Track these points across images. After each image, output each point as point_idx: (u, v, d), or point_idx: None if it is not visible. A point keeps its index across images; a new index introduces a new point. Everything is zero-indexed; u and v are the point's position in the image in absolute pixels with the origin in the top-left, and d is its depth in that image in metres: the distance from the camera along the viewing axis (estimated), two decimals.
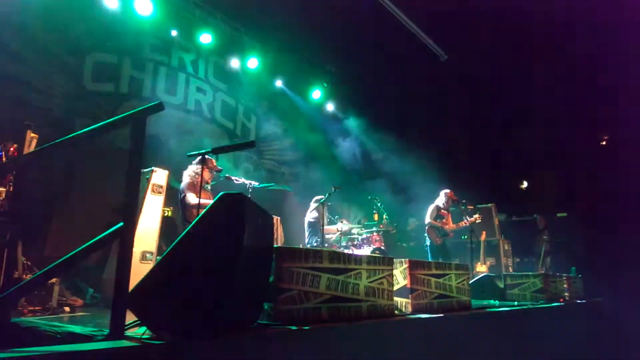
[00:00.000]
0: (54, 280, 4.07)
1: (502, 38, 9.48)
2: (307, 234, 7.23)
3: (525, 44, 9.79)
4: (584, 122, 10.57)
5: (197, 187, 5.01)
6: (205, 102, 8.65)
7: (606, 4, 8.18)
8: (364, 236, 7.29)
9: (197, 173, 4.99)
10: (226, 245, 2.10)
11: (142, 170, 3.33)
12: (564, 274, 6.69)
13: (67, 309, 4.21)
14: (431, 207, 7.49)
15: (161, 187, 5.15)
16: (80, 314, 4.11)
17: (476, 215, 7.34)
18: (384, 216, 7.87)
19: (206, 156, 5.00)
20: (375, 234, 7.27)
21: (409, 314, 3.56)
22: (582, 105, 10.21)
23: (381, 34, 9.28)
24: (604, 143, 11.17)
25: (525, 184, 12.52)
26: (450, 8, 8.53)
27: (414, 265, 3.77)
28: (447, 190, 7.60)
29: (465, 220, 7.31)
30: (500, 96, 10.91)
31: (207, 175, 5.22)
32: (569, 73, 10.00)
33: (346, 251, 6.67)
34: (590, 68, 9.61)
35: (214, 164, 5.32)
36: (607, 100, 9.84)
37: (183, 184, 5.18)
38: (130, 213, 2.15)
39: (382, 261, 3.36)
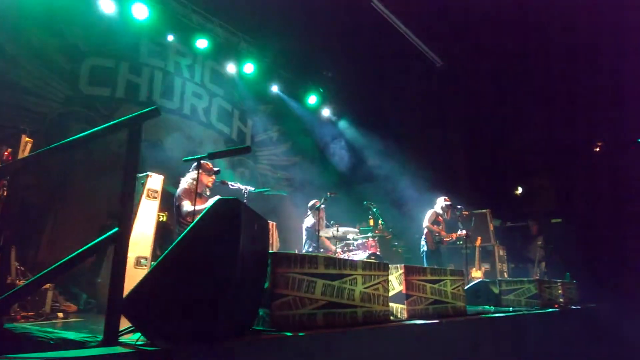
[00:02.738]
0: (47, 285, 4.04)
1: (498, 44, 9.54)
2: (304, 240, 7.23)
3: (521, 49, 9.86)
4: (579, 128, 10.65)
5: (193, 193, 5.00)
6: (202, 107, 8.65)
7: (605, 6, 8.26)
8: (360, 242, 7.28)
9: (194, 179, 4.97)
10: (221, 250, 2.10)
11: (137, 175, 3.33)
12: (559, 280, 6.71)
13: (60, 314, 4.18)
14: (429, 212, 7.52)
15: (156, 192, 5.13)
16: (74, 319, 4.08)
17: (465, 231, 7.33)
18: (380, 221, 7.87)
19: (203, 161, 5.00)
20: (370, 239, 7.26)
21: (404, 320, 3.56)
22: (578, 111, 10.28)
23: (377, 40, 9.33)
24: (597, 149, 11.25)
25: (520, 190, 12.57)
26: (445, 15, 8.60)
27: (409, 271, 3.77)
28: (444, 197, 7.64)
29: (457, 234, 7.34)
30: (496, 102, 10.98)
31: (206, 179, 5.20)
32: (564, 79, 10.08)
33: (342, 256, 6.67)
34: (585, 73, 9.69)
35: (210, 166, 5.30)
36: (602, 106, 9.92)
37: (179, 190, 5.17)
38: (126, 218, 2.14)
39: (378, 267, 3.36)
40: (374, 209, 7.92)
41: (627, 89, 9.11)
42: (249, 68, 8.99)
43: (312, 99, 10.39)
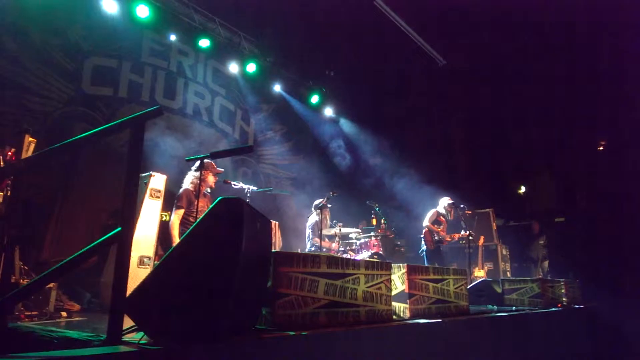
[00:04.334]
0: (51, 285, 4.05)
1: (500, 42, 9.53)
2: (307, 239, 7.23)
3: (523, 47, 9.84)
4: (583, 127, 10.62)
5: (195, 194, 5.01)
6: (204, 107, 8.66)
7: (605, 5, 8.23)
8: (362, 241, 7.27)
9: (197, 178, 4.98)
10: (224, 250, 2.10)
11: (140, 174, 3.33)
12: (562, 279, 6.69)
13: (64, 314, 4.18)
14: (431, 212, 7.50)
15: (159, 191, 5.13)
16: (77, 319, 4.08)
17: (468, 232, 7.31)
18: (382, 221, 7.86)
19: (206, 160, 5.01)
20: (373, 238, 7.26)
21: (407, 319, 3.56)
22: (581, 110, 10.25)
23: (379, 39, 9.32)
24: (601, 148, 11.21)
25: (523, 189, 12.54)
26: (447, 14, 8.58)
27: (412, 270, 3.77)
28: (447, 198, 7.62)
29: (461, 233, 7.32)
30: (498, 101, 10.96)
31: (211, 180, 5.22)
32: (567, 77, 10.05)
33: (344, 256, 6.66)
34: (588, 71, 9.66)
35: (215, 166, 5.31)
36: (605, 104, 9.89)
37: (180, 190, 5.16)
38: (128, 218, 2.15)
39: (380, 266, 3.36)
40: (377, 208, 7.91)
41: (629, 87, 9.07)
42: (251, 67, 8.99)
43: (314, 98, 10.38)
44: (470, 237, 7.26)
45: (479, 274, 8.46)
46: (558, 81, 10.20)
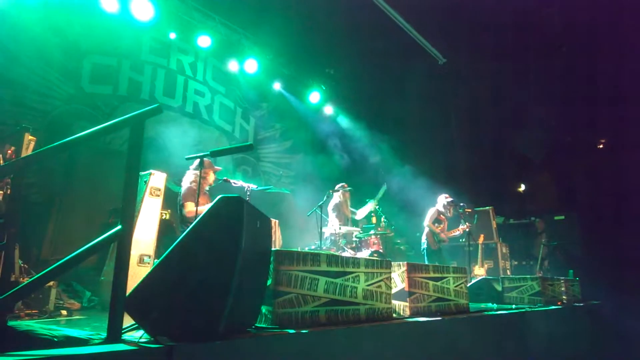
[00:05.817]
0: (51, 283, 4.05)
1: (500, 40, 9.51)
2: (329, 222, 7.27)
3: (523, 45, 9.82)
4: (582, 125, 10.61)
5: (196, 192, 5.01)
6: (204, 105, 8.65)
7: (605, 5, 8.21)
8: (362, 239, 7.27)
9: (197, 176, 4.97)
10: (224, 248, 2.10)
11: (140, 173, 3.33)
12: (562, 277, 6.70)
13: (64, 312, 4.18)
14: (431, 211, 7.47)
15: (159, 190, 5.13)
16: (77, 317, 4.09)
17: (466, 224, 7.32)
18: (382, 219, 7.86)
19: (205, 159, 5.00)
20: (373, 236, 7.26)
21: (407, 317, 3.56)
22: (580, 108, 10.24)
23: (380, 37, 9.30)
24: (601, 146, 11.20)
25: (523, 187, 12.53)
26: (447, 12, 8.56)
27: (412, 269, 3.77)
28: (445, 195, 7.61)
29: (460, 228, 7.32)
30: (498, 99, 10.94)
31: (211, 177, 5.23)
32: (566, 75, 10.03)
33: (344, 254, 6.66)
34: (588, 70, 9.64)
35: (212, 164, 5.31)
36: (605, 102, 9.87)
37: (183, 190, 5.16)
38: (128, 216, 2.15)
39: (380, 264, 3.36)
40: (376, 207, 7.90)
41: (629, 85, 9.06)
42: (251, 66, 8.97)
43: (314, 97, 10.37)
44: (468, 229, 7.25)
45: (479, 272, 8.46)
46: (559, 79, 10.18)
